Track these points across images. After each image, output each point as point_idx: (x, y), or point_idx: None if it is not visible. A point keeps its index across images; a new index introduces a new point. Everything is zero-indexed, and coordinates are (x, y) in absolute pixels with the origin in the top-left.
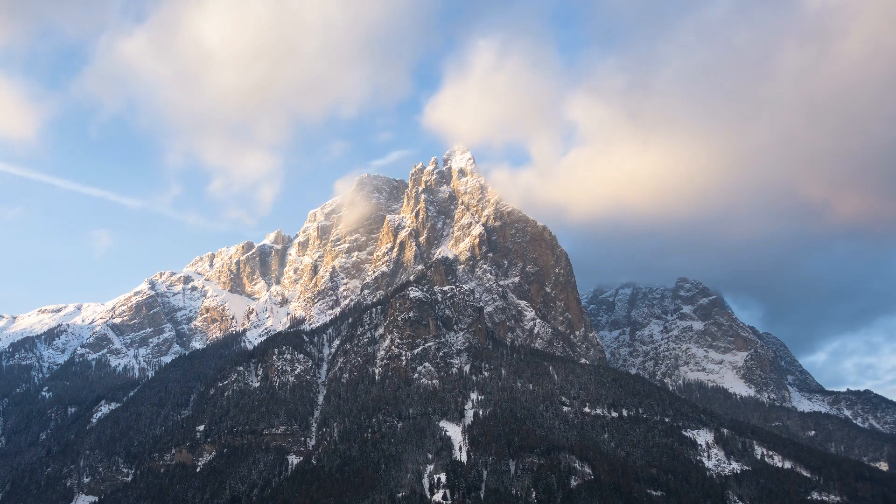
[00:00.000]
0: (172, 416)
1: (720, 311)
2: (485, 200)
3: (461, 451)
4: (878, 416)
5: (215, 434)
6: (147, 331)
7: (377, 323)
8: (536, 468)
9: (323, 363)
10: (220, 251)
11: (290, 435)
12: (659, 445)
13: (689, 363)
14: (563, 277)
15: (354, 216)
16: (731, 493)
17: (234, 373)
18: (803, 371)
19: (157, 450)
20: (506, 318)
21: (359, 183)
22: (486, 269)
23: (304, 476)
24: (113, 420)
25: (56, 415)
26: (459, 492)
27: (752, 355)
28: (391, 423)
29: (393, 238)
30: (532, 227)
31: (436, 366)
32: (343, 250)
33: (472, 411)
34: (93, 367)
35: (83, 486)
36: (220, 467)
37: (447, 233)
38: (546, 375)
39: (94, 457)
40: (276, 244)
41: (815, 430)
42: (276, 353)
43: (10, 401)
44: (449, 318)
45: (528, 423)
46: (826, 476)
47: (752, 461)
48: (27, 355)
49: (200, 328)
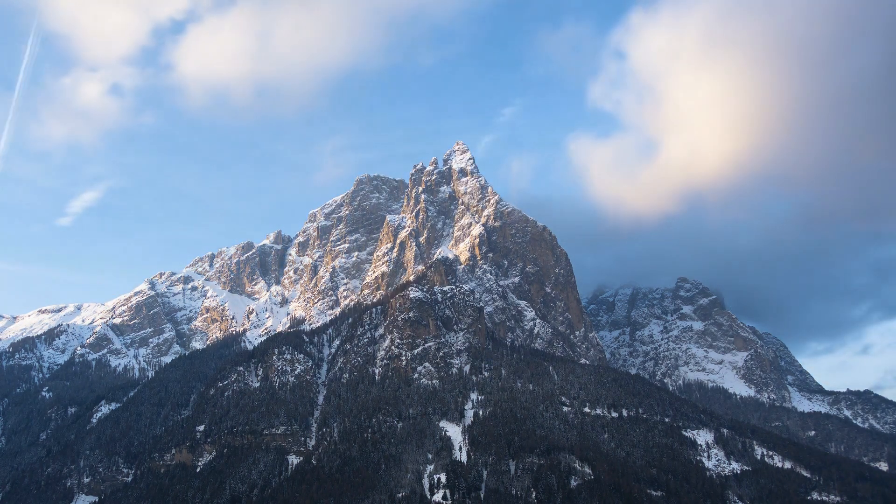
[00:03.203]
0: (172, 416)
1: (720, 311)
2: (485, 200)
3: (461, 452)
4: (878, 417)
5: (215, 434)
6: (147, 331)
7: (377, 323)
8: (536, 468)
9: (323, 363)
10: (220, 251)
11: (290, 435)
12: (659, 445)
13: (689, 363)
14: (563, 277)
15: (354, 216)
16: (731, 494)
17: (234, 373)
18: (803, 371)
19: (157, 450)
20: (506, 318)
21: (358, 183)
22: (486, 270)
23: (304, 476)
24: (113, 420)
25: (56, 415)
26: (459, 492)
27: (752, 355)
28: (391, 423)
29: (393, 238)
30: (532, 227)
31: (436, 366)
32: (343, 250)
33: (472, 411)
34: (93, 368)
35: (83, 486)
36: (220, 467)
37: (447, 233)
38: (546, 375)
39: (94, 457)
40: (275, 244)
41: (815, 431)
42: (276, 353)
43: (10, 401)
44: (449, 318)
45: (528, 424)
46: (826, 476)
47: (752, 461)
48: (27, 355)
49: (200, 328)
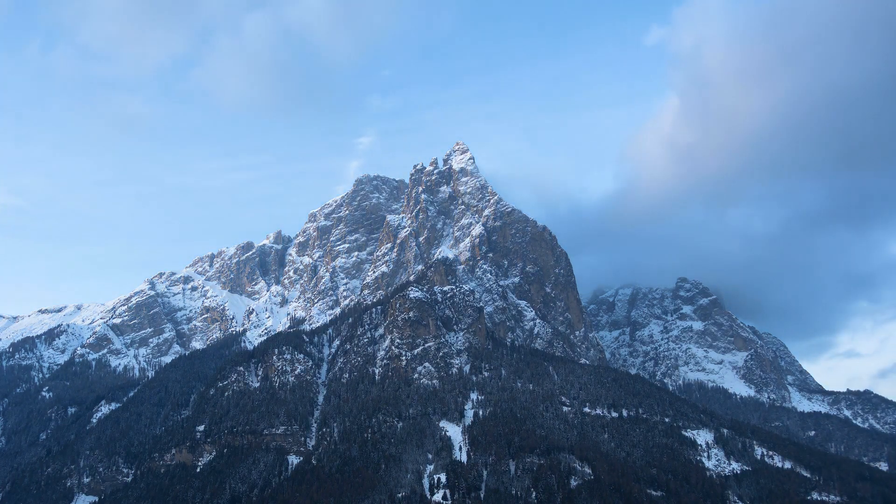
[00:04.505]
0: (172, 416)
1: (720, 311)
2: (485, 200)
3: (461, 452)
4: (878, 417)
5: (215, 434)
6: (147, 331)
7: (377, 323)
8: (536, 468)
9: (323, 363)
10: (220, 251)
11: (290, 435)
12: (659, 445)
13: (689, 363)
14: (563, 277)
15: (354, 216)
16: (731, 494)
17: (234, 373)
18: (803, 371)
19: (157, 450)
20: (506, 318)
21: (358, 183)
22: (486, 269)
23: (304, 476)
24: (113, 420)
25: (56, 415)
26: (459, 492)
27: (752, 355)
28: (391, 423)
29: (393, 238)
30: (532, 227)
31: (436, 366)
32: (343, 250)
33: (472, 411)
34: (93, 367)
35: (83, 486)
36: (220, 467)
37: (447, 233)
38: (546, 375)
39: (94, 457)
40: (275, 244)
41: (815, 431)
42: (276, 353)
43: (10, 401)
44: (449, 318)
45: (528, 424)
46: (826, 476)
47: (752, 461)
48: (27, 355)
49: (200, 328)
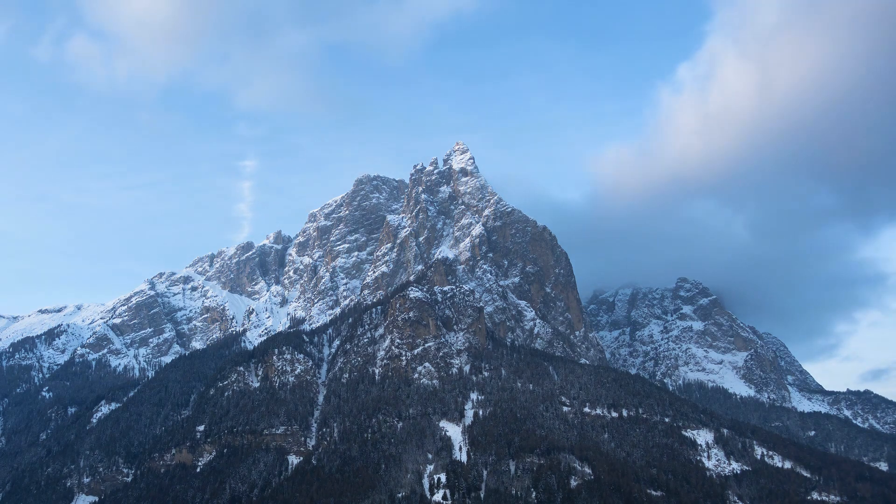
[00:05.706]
0: (172, 416)
1: (720, 311)
2: (485, 200)
3: (461, 451)
4: (878, 417)
5: (215, 434)
6: (147, 331)
7: (377, 323)
8: (536, 468)
9: (323, 363)
10: (221, 251)
11: (290, 435)
12: (659, 445)
13: (689, 363)
14: (563, 277)
15: (354, 216)
16: (731, 494)
17: (234, 373)
18: (803, 371)
19: (157, 450)
20: (506, 318)
21: (358, 183)
22: (486, 269)
23: (304, 476)
24: (113, 420)
25: (56, 415)
26: (459, 492)
27: (752, 355)
28: (391, 423)
29: (393, 238)
30: (532, 227)
31: (436, 366)
32: (343, 250)
33: (472, 411)
34: (93, 367)
35: (83, 486)
36: (220, 467)
37: (447, 233)
38: (546, 375)
39: (94, 457)
40: (275, 244)
41: (815, 431)
42: (276, 353)
43: (10, 401)
44: (449, 318)
45: (528, 424)
46: (826, 476)
47: (752, 461)
48: (27, 355)
49: (200, 328)
